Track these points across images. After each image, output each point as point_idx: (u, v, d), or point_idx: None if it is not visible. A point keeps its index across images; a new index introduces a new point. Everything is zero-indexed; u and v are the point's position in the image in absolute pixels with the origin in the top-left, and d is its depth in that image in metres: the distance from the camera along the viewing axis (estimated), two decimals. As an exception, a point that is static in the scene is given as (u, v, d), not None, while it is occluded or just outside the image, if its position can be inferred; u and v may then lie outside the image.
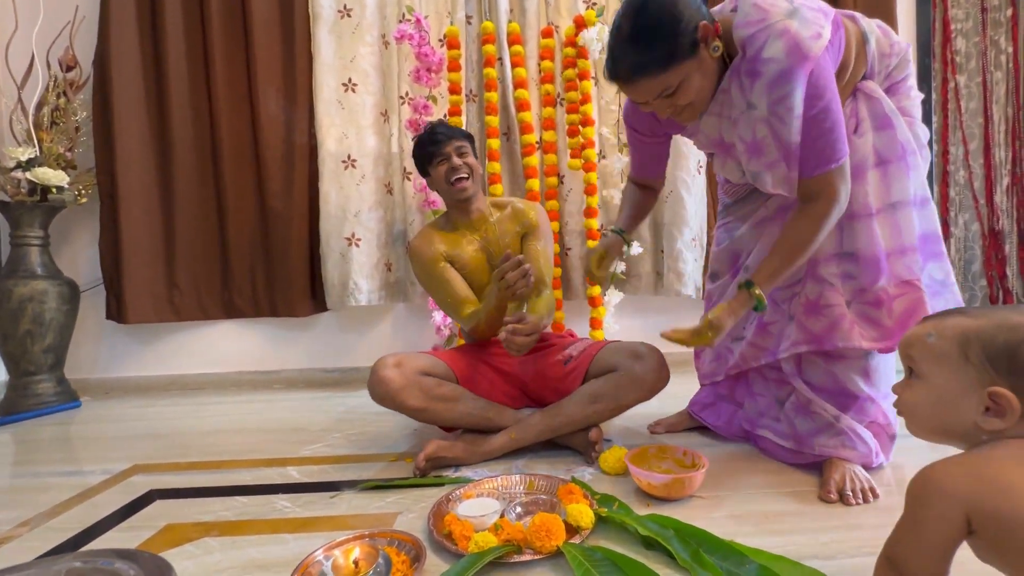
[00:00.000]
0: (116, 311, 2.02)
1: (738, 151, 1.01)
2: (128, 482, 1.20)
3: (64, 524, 1.01)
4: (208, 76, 2.02)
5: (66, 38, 1.97)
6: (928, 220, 1.04)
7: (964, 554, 0.55)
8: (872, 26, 1.02)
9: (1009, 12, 2.29)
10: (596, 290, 2.00)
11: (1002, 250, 2.32)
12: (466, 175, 1.33)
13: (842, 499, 0.97)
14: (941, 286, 1.04)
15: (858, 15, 1.03)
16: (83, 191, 1.96)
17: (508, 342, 1.15)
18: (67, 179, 1.86)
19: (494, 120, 1.98)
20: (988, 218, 2.33)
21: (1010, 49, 2.29)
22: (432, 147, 1.33)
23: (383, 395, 1.17)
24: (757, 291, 0.96)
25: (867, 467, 1.04)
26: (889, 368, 1.08)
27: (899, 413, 0.64)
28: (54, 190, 1.84)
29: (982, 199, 2.33)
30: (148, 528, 0.98)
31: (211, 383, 2.13)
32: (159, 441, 1.50)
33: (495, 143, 1.98)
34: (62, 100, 1.94)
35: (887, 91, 1.04)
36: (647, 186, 1.28)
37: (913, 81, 1.07)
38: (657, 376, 1.18)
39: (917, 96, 1.07)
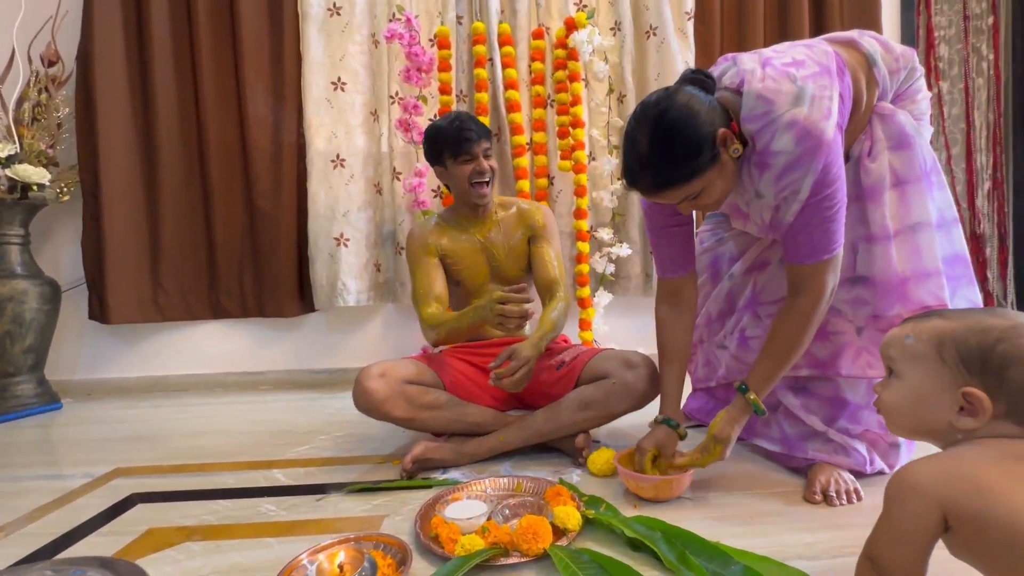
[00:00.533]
0: (99, 311, 1.98)
1: (753, 224, 1.01)
2: (109, 485, 1.18)
3: (42, 529, 0.99)
4: (195, 73, 1.99)
5: (48, 33, 1.94)
6: (955, 242, 0.99)
7: (943, 553, 0.56)
8: (874, 45, 0.96)
9: (991, 20, 2.33)
10: (585, 291, 2.00)
11: (983, 253, 2.36)
12: (489, 180, 1.31)
13: (826, 500, 0.98)
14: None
15: (857, 38, 0.97)
16: (65, 189, 1.93)
17: (498, 385, 1.12)
18: (48, 176, 1.82)
19: (484, 121, 1.97)
20: (970, 222, 2.37)
21: (991, 56, 2.34)
22: (463, 144, 1.26)
23: (367, 406, 1.16)
24: (752, 396, 0.96)
25: (859, 475, 1.03)
26: None
27: (879, 411, 0.65)
28: (35, 187, 1.80)
29: (964, 203, 2.37)
30: (129, 533, 0.96)
31: (196, 384, 2.10)
32: (142, 444, 1.48)
33: (485, 144, 1.98)
34: (44, 96, 1.90)
35: (894, 99, 1.00)
36: (681, 297, 1.11)
37: (921, 84, 1.02)
38: (649, 386, 1.17)
39: (925, 97, 1.03)
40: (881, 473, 1.06)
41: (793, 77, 0.87)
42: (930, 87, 2.35)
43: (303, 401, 1.88)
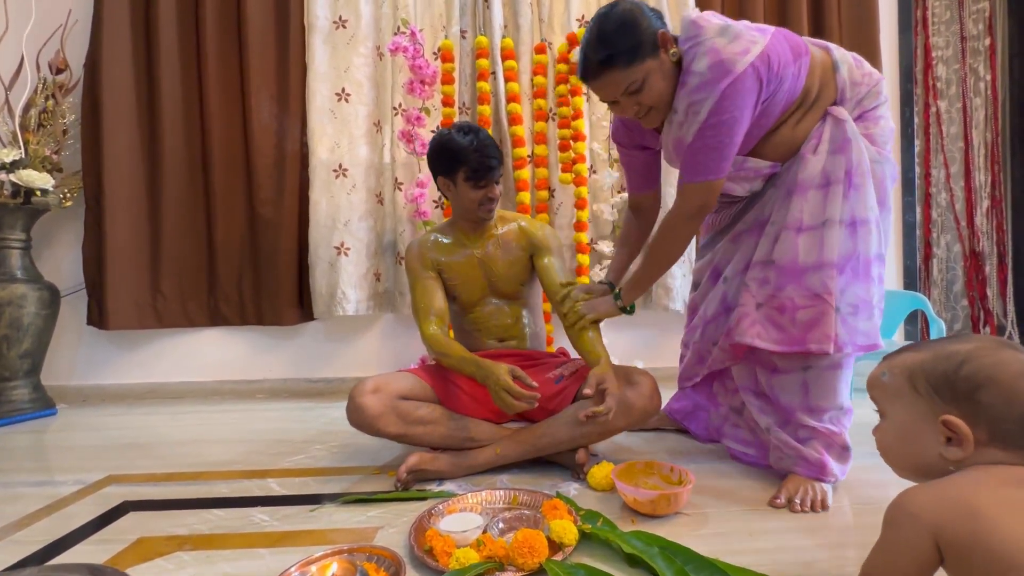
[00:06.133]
0: (97, 316, 1.98)
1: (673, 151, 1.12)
2: (101, 493, 1.17)
3: (32, 536, 0.98)
4: (201, 82, 2.02)
5: (57, 41, 1.96)
6: (860, 242, 1.02)
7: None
8: (846, 56, 1.07)
9: (987, 41, 2.37)
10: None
11: (982, 271, 2.37)
12: (496, 203, 1.31)
13: (789, 505, 1.01)
14: (857, 308, 1.02)
15: (832, 46, 1.08)
16: (68, 194, 1.94)
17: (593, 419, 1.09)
18: (52, 182, 1.83)
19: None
20: (969, 239, 2.38)
21: (988, 77, 2.36)
22: (484, 173, 1.24)
23: (360, 423, 1.15)
24: (619, 302, 1.20)
25: (820, 480, 1.05)
26: (834, 383, 1.06)
27: (880, 453, 0.65)
28: (38, 192, 1.81)
29: (963, 221, 2.38)
30: (119, 541, 0.95)
31: (192, 392, 2.09)
32: (136, 451, 1.47)
33: (487, 156, 1.99)
34: (50, 103, 1.92)
35: (857, 118, 1.06)
36: (642, 209, 1.31)
37: (884, 111, 1.09)
38: (648, 403, 1.16)
39: (887, 125, 1.08)
40: (834, 482, 1.07)
41: (724, 19, 1.01)
42: (928, 106, 2.38)
43: (299, 410, 1.87)
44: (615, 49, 0.98)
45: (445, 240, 1.37)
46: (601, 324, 1.98)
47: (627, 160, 1.29)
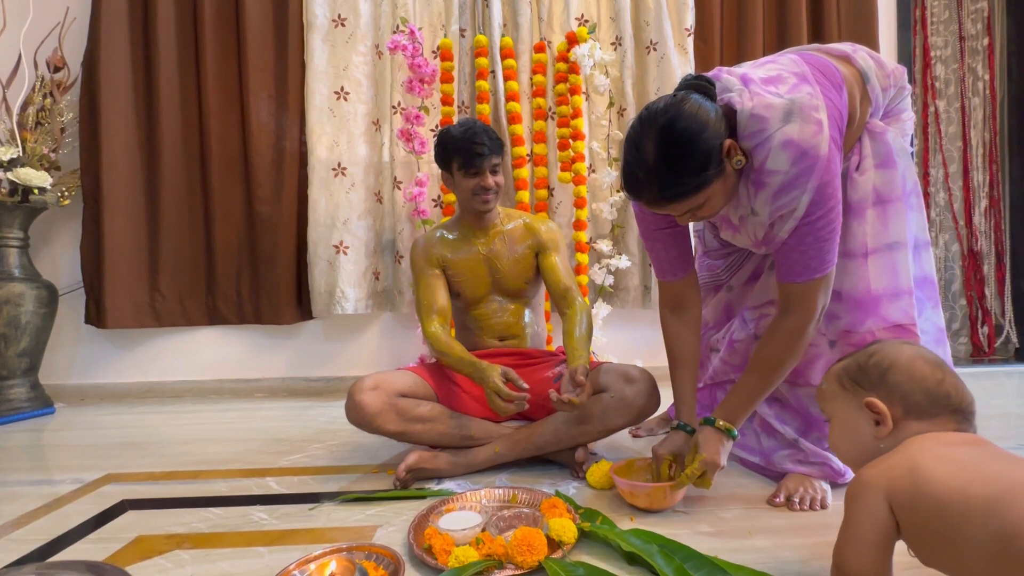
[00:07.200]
0: (95, 315, 1.97)
1: (744, 237, 1.00)
2: (100, 492, 1.17)
3: (30, 535, 0.98)
4: (199, 80, 2.01)
5: (55, 39, 1.96)
6: (925, 265, 1.02)
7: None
8: (868, 61, 0.97)
9: (986, 41, 2.37)
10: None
11: (980, 270, 2.37)
12: (494, 194, 1.30)
13: (788, 504, 1.00)
14: (941, 333, 1.01)
15: (851, 53, 0.98)
16: (66, 192, 1.93)
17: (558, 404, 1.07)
18: (50, 180, 1.83)
19: (485, 132, 1.99)
20: (967, 239, 2.38)
21: (987, 76, 2.37)
22: (473, 159, 1.25)
23: (359, 420, 1.15)
24: (720, 424, 0.96)
25: (834, 483, 1.04)
26: None
27: (833, 452, 0.75)
28: (36, 191, 1.80)
29: (961, 220, 2.39)
30: (118, 540, 0.94)
31: (190, 391, 2.09)
32: (134, 450, 1.46)
33: (486, 154, 1.99)
34: (48, 101, 1.92)
35: (883, 117, 1.02)
36: (684, 302, 1.09)
37: (907, 103, 1.06)
38: (647, 401, 1.16)
39: (910, 117, 1.06)
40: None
41: (777, 93, 0.86)
42: (926, 106, 2.38)
43: (298, 409, 1.87)
44: (680, 187, 0.83)
45: (451, 236, 1.38)
46: (600, 325, 2.00)
47: (656, 232, 1.06)
